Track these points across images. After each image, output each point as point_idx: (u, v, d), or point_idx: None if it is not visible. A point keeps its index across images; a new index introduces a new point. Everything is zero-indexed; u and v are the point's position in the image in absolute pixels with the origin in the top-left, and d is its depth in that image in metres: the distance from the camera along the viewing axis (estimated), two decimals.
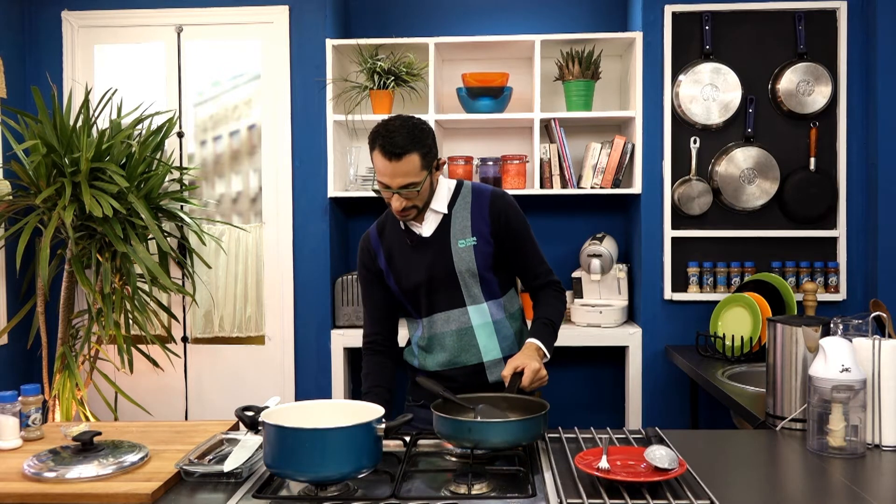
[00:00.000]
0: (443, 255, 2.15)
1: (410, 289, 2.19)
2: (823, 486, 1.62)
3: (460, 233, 2.16)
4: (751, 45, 3.45)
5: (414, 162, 2.02)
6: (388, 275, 2.21)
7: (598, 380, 3.90)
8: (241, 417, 1.67)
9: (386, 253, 2.22)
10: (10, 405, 1.89)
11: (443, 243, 2.16)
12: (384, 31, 3.84)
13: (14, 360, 3.53)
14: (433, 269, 2.15)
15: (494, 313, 2.19)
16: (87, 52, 3.68)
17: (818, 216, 3.44)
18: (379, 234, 2.25)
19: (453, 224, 2.17)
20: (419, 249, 2.17)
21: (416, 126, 2.05)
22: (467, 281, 2.15)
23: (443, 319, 2.18)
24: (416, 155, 2.02)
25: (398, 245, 2.20)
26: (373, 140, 2.05)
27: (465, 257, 2.14)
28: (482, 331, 2.17)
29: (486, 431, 1.68)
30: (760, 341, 3.03)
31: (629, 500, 1.46)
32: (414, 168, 2.03)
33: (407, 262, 2.18)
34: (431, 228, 2.18)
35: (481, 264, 2.15)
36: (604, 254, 3.55)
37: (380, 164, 2.04)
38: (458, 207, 2.19)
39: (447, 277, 2.15)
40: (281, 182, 3.62)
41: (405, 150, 2.00)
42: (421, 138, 2.04)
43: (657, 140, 3.48)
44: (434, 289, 2.17)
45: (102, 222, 3.09)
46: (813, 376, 1.78)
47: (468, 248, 2.15)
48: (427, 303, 2.19)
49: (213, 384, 3.67)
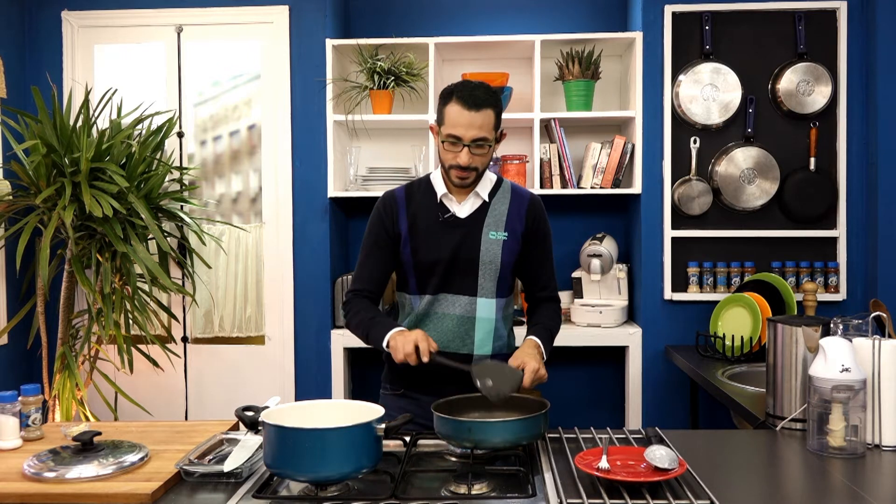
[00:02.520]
0: (471, 241, 2.13)
1: (427, 263, 2.14)
2: (823, 486, 1.62)
3: (494, 224, 2.15)
4: (751, 45, 3.45)
5: (490, 118, 2.04)
6: (406, 243, 2.16)
7: (598, 380, 3.90)
8: (241, 417, 1.67)
9: (410, 219, 2.16)
10: (10, 405, 1.89)
11: (475, 229, 2.14)
12: (384, 31, 3.84)
13: (14, 360, 3.53)
14: (458, 251, 2.12)
15: (497, 311, 2.18)
16: (87, 52, 3.68)
17: (818, 216, 3.44)
18: (406, 198, 2.20)
19: (490, 213, 2.15)
20: (449, 227, 2.14)
21: (493, 89, 2.09)
22: (487, 272, 2.14)
23: (449, 301, 2.14)
24: (492, 112, 2.04)
25: (427, 216, 2.16)
26: (448, 94, 2.06)
27: (493, 249, 2.13)
28: (482, 325, 2.15)
29: (487, 431, 1.68)
30: (760, 341, 3.03)
31: (629, 500, 1.46)
32: (489, 124, 2.04)
33: (432, 237, 2.14)
34: (468, 211, 2.15)
35: (506, 261, 2.14)
36: (604, 254, 3.55)
37: (456, 116, 2.03)
38: (497, 199, 2.18)
39: (469, 263, 2.13)
40: (281, 182, 3.62)
41: (486, 103, 2.02)
42: (497, 99, 2.07)
43: (657, 140, 3.48)
44: (451, 270, 2.13)
45: (102, 222, 3.09)
46: (813, 376, 1.78)
47: (498, 241, 2.14)
48: (438, 281, 2.14)
49: (213, 384, 3.67)
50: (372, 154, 3.87)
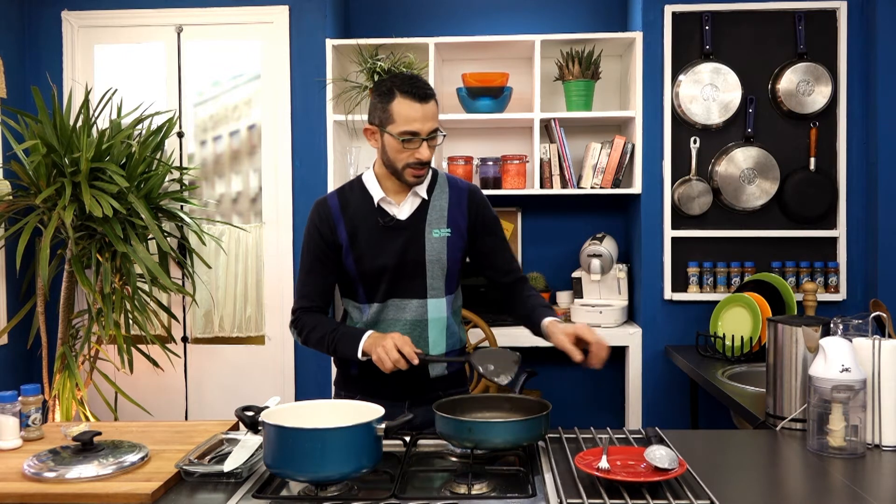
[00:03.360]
0: (415, 242, 2.05)
1: (372, 272, 2.05)
2: (823, 486, 1.62)
3: (436, 222, 2.07)
4: (751, 45, 3.45)
5: (436, 107, 1.99)
6: (349, 253, 2.06)
7: (598, 380, 3.89)
8: (241, 417, 1.67)
9: (349, 228, 2.07)
10: (10, 405, 1.89)
11: (417, 229, 2.06)
12: (384, 31, 3.84)
13: (14, 360, 3.53)
14: (403, 255, 2.04)
15: (447, 308, 2.11)
16: (87, 52, 3.68)
17: (818, 216, 3.44)
18: (341, 206, 2.09)
19: (430, 211, 2.08)
20: (391, 232, 2.05)
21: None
22: (435, 272, 2.06)
23: (398, 307, 2.06)
24: (435, 102, 2.00)
25: (366, 224, 2.06)
26: (389, 90, 1.97)
27: (438, 248, 2.06)
28: (435, 325, 2.08)
29: (487, 431, 1.68)
30: (760, 341, 3.03)
31: (629, 500, 1.46)
32: (437, 113, 2.00)
33: (375, 244, 2.05)
34: (408, 211, 2.07)
35: (451, 257, 2.07)
36: (604, 254, 3.55)
37: (408, 111, 1.95)
38: (435, 195, 2.10)
39: (415, 266, 2.05)
40: (281, 182, 3.62)
41: (431, 93, 1.98)
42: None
43: (657, 140, 3.48)
44: (398, 276, 2.05)
45: (102, 222, 3.09)
46: (813, 376, 1.78)
47: (442, 238, 2.06)
48: (386, 288, 2.06)
49: (213, 384, 3.67)
50: (372, 154, 3.83)
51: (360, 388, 2.12)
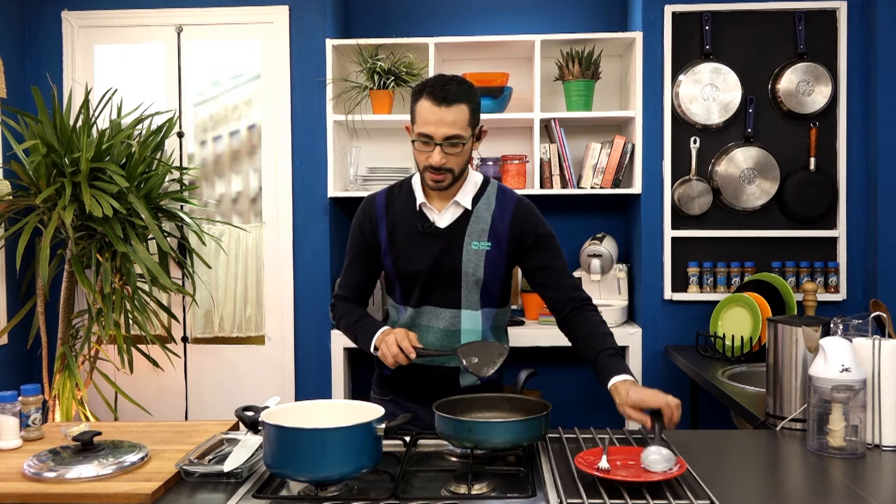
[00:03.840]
0: (452, 252, 2.02)
1: (408, 274, 2.05)
2: (823, 486, 1.62)
3: (477, 234, 2.02)
4: (751, 45, 3.45)
5: (463, 113, 1.91)
6: (387, 253, 2.07)
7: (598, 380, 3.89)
8: (241, 417, 1.67)
9: (389, 228, 2.07)
10: (10, 405, 1.89)
11: (456, 239, 2.02)
12: (384, 31, 3.84)
13: (14, 360, 3.53)
14: (439, 263, 2.02)
15: (485, 322, 2.07)
16: (87, 52, 3.68)
17: (818, 216, 3.44)
18: (386, 205, 2.09)
19: (472, 222, 2.03)
20: (429, 238, 2.03)
21: (467, 82, 1.98)
22: (470, 284, 2.02)
23: (432, 314, 2.06)
24: (467, 107, 1.92)
25: (406, 226, 2.05)
26: (420, 90, 1.94)
27: (475, 260, 2.01)
28: (469, 337, 2.05)
29: (487, 431, 1.67)
30: (760, 341, 3.03)
31: (629, 500, 1.46)
32: (462, 120, 1.91)
33: (412, 247, 2.04)
34: (449, 220, 2.04)
35: (489, 272, 2.02)
36: (604, 254, 3.55)
37: (426, 113, 1.91)
38: (480, 206, 2.05)
39: (451, 275, 2.02)
40: (281, 182, 3.62)
41: (457, 98, 1.90)
42: (472, 93, 1.96)
43: (657, 140, 3.48)
44: (433, 282, 2.04)
45: (102, 222, 3.09)
46: (813, 376, 1.78)
47: (480, 252, 2.01)
48: (420, 294, 2.05)
49: (213, 384, 3.67)
50: (372, 154, 3.87)
51: (394, 389, 2.13)
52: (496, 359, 1.86)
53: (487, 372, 1.83)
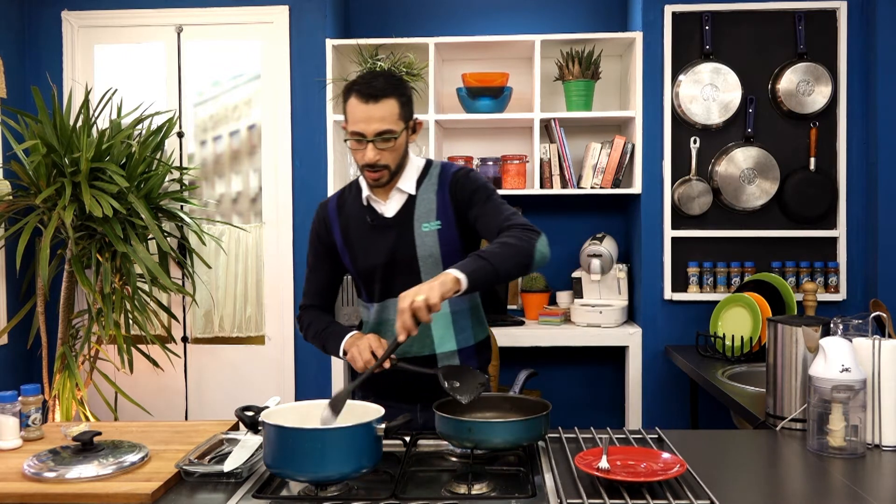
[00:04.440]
0: (405, 239, 2.00)
1: (366, 270, 2.05)
2: (823, 486, 1.62)
3: (425, 215, 2.00)
4: (751, 45, 3.45)
5: (392, 108, 1.90)
6: (344, 253, 2.07)
7: (598, 380, 3.90)
8: (241, 417, 1.67)
9: (342, 228, 2.07)
10: (10, 405, 1.89)
11: (406, 226, 2.01)
12: (384, 31, 3.84)
13: (14, 360, 3.53)
14: (394, 252, 2.00)
15: (454, 303, 2.02)
16: (87, 52, 3.68)
17: (818, 216, 3.44)
18: (338, 207, 2.10)
19: (418, 206, 2.01)
20: (380, 230, 2.02)
21: (396, 76, 1.96)
22: (428, 268, 2.00)
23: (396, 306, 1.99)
24: (395, 101, 1.90)
25: (357, 222, 2.05)
26: (348, 88, 1.92)
27: (429, 242, 1.99)
28: (438, 321, 2.02)
29: (487, 431, 1.67)
30: (760, 341, 3.03)
31: (629, 500, 1.46)
32: (392, 114, 1.90)
33: (365, 243, 2.04)
34: (395, 208, 2.02)
35: (445, 251, 1.99)
36: (604, 254, 3.55)
37: (355, 111, 1.89)
38: (424, 188, 2.03)
39: (408, 263, 2.00)
40: (281, 182, 3.62)
41: (384, 93, 1.88)
42: (401, 86, 1.94)
43: (657, 140, 3.48)
44: (392, 273, 2.02)
45: (102, 222, 3.09)
46: (813, 376, 1.78)
47: (432, 232, 2.00)
48: (381, 287, 2.04)
49: (213, 384, 3.67)
50: None
51: (374, 389, 2.11)
52: (477, 388, 1.83)
53: (464, 399, 1.79)
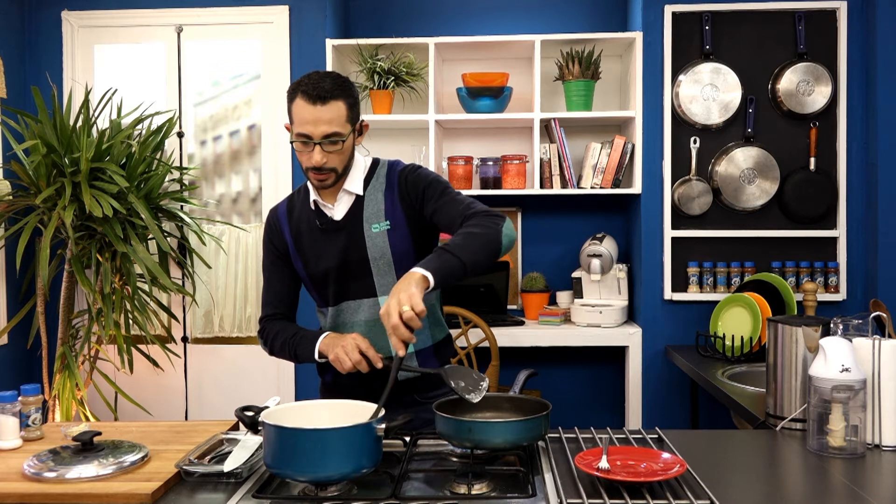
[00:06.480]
0: (355, 241, 1.97)
1: (318, 275, 2.02)
2: (823, 486, 1.62)
3: (374, 216, 1.97)
4: (751, 45, 3.45)
5: (340, 110, 1.86)
6: (296, 258, 2.04)
7: (598, 380, 3.90)
8: (241, 417, 1.67)
9: (293, 233, 2.04)
10: (10, 405, 1.88)
11: (355, 227, 1.97)
12: (384, 31, 3.84)
13: (14, 360, 3.53)
14: (345, 255, 1.97)
15: None
16: (87, 52, 3.68)
17: (818, 216, 3.44)
18: (288, 212, 2.07)
19: (366, 206, 1.98)
20: (330, 233, 1.99)
21: (342, 77, 1.91)
22: (381, 269, 1.97)
23: (352, 309, 2.01)
24: (343, 103, 1.87)
25: (307, 227, 2.02)
26: (294, 89, 1.87)
27: (379, 243, 1.96)
28: None
29: (487, 431, 1.67)
30: (760, 341, 3.03)
31: (629, 500, 1.46)
32: (339, 117, 1.86)
33: (316, 247, 2.00)
34: (343, 211, 1.99)
35: (397, 250, 1.97)
36: (604, 254, 3.55)
37: (302, 112, 1.85)
38: (371, 188, 2.00)
39: (360, 265, 1.97)
40: (281, 182, 3.62)
41: (332, 94, 1.85)
42: (348, 88, 1.90)
43: (657, 140, 3.48)
44: (344, 276, 1.99)
45: (102, 222, 3.09)
46: (813, 376, 1.78)
47: (382, 232, 1.96)
48: (335, 291, 2.01)
49: (213, 384, 3.67)
50: (371, 154, 3.86)
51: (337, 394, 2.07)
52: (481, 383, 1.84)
53: (475, 398, 1.79)
